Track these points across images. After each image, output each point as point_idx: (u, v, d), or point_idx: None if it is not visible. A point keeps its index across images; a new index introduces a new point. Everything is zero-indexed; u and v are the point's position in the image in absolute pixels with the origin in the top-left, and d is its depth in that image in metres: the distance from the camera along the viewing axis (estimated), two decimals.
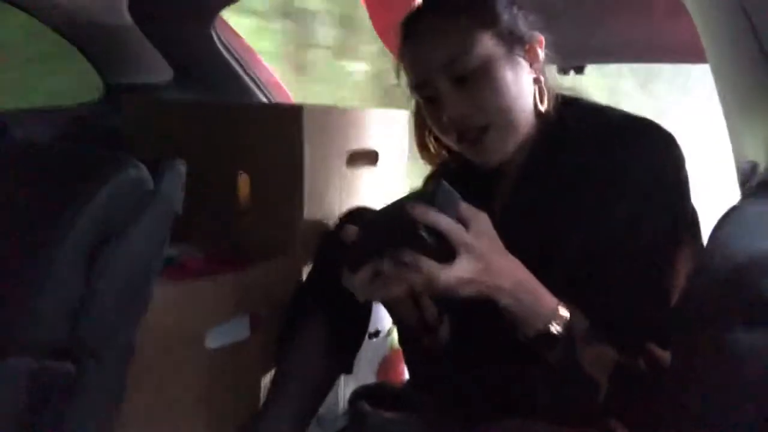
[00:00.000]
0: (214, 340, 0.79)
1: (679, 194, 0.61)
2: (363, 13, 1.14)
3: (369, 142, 1.03)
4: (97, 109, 1.40)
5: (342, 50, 2.48)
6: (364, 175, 1.04)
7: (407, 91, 0.70)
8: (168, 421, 0.76)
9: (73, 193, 0.52)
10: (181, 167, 0.58)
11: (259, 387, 0.86)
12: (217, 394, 0.81)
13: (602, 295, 0.60)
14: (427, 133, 0.75)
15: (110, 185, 0.52)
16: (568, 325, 0.56)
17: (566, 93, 0.69)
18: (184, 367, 0.77)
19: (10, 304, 0.50)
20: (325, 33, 2.48)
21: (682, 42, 0.87)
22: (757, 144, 0.51)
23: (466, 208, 0.54)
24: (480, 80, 0.63)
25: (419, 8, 0.68)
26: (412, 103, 0.74)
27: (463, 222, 0.53)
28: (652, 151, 0.61)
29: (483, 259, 0.53)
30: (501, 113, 0.64)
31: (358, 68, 2.45)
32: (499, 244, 0.56)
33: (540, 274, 0.58)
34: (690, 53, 0.78)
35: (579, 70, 1.11)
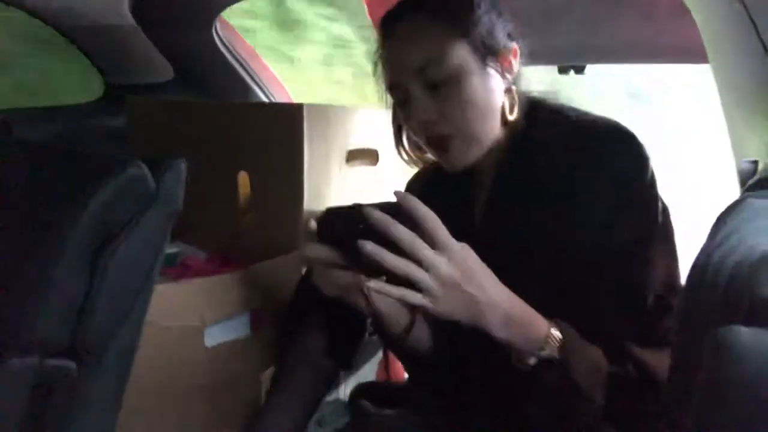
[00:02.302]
0: (213, 338, 0.79)
1: (647, 194, 0.61)
2: None
3: (369, 141, 1.03)
4: (98, 108, 1.40)
5: None
6: (365, 173, 1.04)
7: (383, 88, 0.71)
8: (167, 418, 0.76)
9: (74, 192, 0.52)
10: (182, 166, 0.58)
11: (259, 384, 0.86)
12: (217, 392, 0.81)
13: (581, 300, 0.60)
14: (403, 133, 0.76)
15: (111, 185, 0.52)
16: (562, 346, 0.56)
17: (533, 95, 0.70)
18: (183, 365, 0.77)
19: (12, 303, 0.50)
20: None
21: (683, 42, 0.87)
22: (758, 143, 0.51)
23: (446, 237, 0.53)
24: (450, 90, 0.63)
25: (399, 7, 0.68)
26: (387, 98, 0.74)
27: (443, 248, 0.53)
28: (617, 153, 0.61)
29: (469, 261, 0.54)
30: (466, 125, 0.64)
31: None
32: (481, 274, 0.55)
33: (519, 280, 0.57)
34: (691, 53, 0.78)
35: (579, 70, 1.12)
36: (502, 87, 0.66)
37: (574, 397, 0.56)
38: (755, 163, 0.51)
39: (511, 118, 0.66)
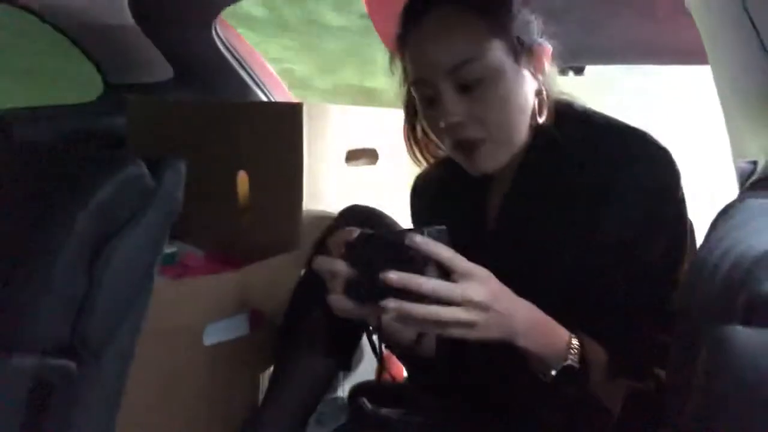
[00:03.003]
0: (212, 337, 0.79)
1: (679, 210, 0.59)
2: None
3: (369, 141, 1.03)
4: (98, 108, 1.40)
5: None
6: (364, 173, 1.04)
7: (399, 80, 0.67)
8: (166, 417, 0.76)
9: (73, 191, 0.52)
10: (181, 165, 0.58)
11: (258, 384, 0.86)
12: (216, 391, 0.81)
13: (604, 314, 0.58)
14: (418, 130, 0.72)
15: (111, 184, 0.52)
16: (582, 357, 0.54)
17: (560, 98, 0.66)
18: (182, 364, 0.77)
19: (12, 302, 0.50)
20: None
21: (683, 43, 0.87)
22: (757, 143, 0.51)
23: (465, 263, 0.51)
24: (485, 91, 0.60)
25: None
26: (403, 92, 0.70)
27: (466, 275, 0.51)
28: (649, 166, 0.58)
29: (493, 283, 0.51)
30: (500, 128, 0.61)
31: None
32: (504, 290, 0.53)
33: (532, 287, 0.55)
34: (691, 55, 0.78)
35: (579, 71, 1.12)
36: (534, 88, 0.63)
37: (591, 407, 0.55)
38: (754, 163, 0.51)
39: (540, 120, 0.63)
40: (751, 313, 0.30)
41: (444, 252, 0.50)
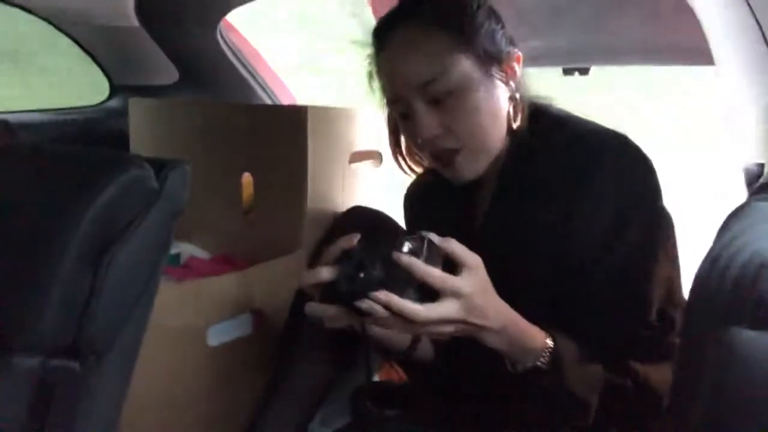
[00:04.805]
0: (216, 338, 0.80)
1: (653, 207, 0.61)
2: None
3: (373, 143, 1.03)
4: (103, 110, 1.41)
5: None
6: (368, 175, 1.04)
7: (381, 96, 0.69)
8: (170, 417, 0.76)
9: (77, 192, 0.52)
10: (186, 167, 0.58)
11: (261, 384, 0.86)
12: (219, 391, 0.81)
13: (579, 310, 0.59)
14: (401, 144, 0.74)
15: (115, 185, 0.52)
16: (555, 356, 0.56)
17: (537, 101, 0.68)
18: (186, 364, 0.77)
19: (16, 303, 0.50)
20: None
21: (688, 43, 0.87)
22: (764, 145, 0.51)
23: (459, 249, 0.53)
24: (455, 103, 0.62)
25: (394, 15, 0.65)
26: (384, 108, 0.72)
27: (456, 263, 0.53)
28: (625, 165, 0.60)
29: (470, 300, 0.52)
30: (474, 137, 0.63)
31: None
32: (488, 284, 0.55)
33: (518, 287, 0.57)
34: (696, 55, 0.78)
35: (584, 71, 1.11)
36: (507, 95, 0.65)
37: (568, 402, 0.56)
38: (761, 165, 0.51)
39: (515, 125, 0.65)
40: (758, 318, 0.30)
41: (419, 269, 0.51)
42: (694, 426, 0.31)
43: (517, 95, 0.66)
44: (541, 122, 0.66)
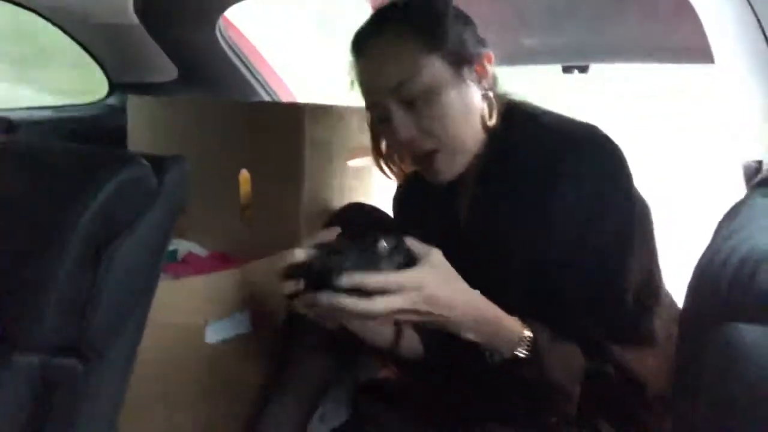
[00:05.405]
0: (214, 335, 0.80)
1: (624, 195, 0.62)
2: None
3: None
4: (102, 107, 1.41)
5: None
6: (366, 173, 1.04)
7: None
8: (168, 415, 0.76)
9: (77, 190, 0.52)
10: (185, 165, 0.58)
11: (260, 381, 0.86)
12: (218, 389, 0.81)
13: (558, 299, 0.61)
14: (382, 148, 0.76)
15: (114, 183, 0.52)
16: (533, 346, 0.57)
17: (511, 98, 0.70)
18: (184, 362, 0.77)
19: (16, 302, 0.50)
20: None
21: (689, 42, 0.87)
22: (763, 142, 0.51)
23: (418, 246, 0.55)
24: (428, 105, 0.64)
25: (368, 25, 0.68)
26: (367, 114, 0.73)
27: (414, 258, 0.55)
28: (593, 156, 0.61)
29: (428, 291, 0.54)
30: (449, 137, 0.65)
31: None
32: (452, 276, 0.56)
33: (501, 279, 0.59)
34: (697, 53, 0.78)
35: (583, 69, 1.11)
36: (480, 94, 0.67)
37: (548, 391, 0.58)
38: (760, 162, 0.51)
39: (490, 123, 0.67)
40: (755, 313, 0.30)
41: (371, 280, 0.52)
42: (697, 424, 0.31)
43: (491, 94, 0.67)
44: (516, 118, 0.67)
